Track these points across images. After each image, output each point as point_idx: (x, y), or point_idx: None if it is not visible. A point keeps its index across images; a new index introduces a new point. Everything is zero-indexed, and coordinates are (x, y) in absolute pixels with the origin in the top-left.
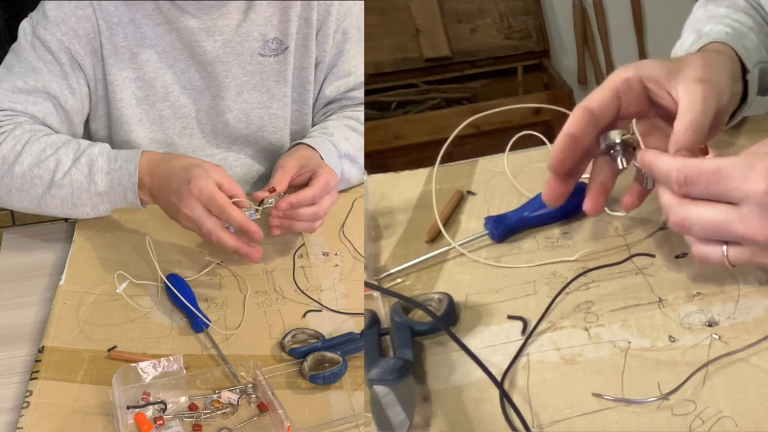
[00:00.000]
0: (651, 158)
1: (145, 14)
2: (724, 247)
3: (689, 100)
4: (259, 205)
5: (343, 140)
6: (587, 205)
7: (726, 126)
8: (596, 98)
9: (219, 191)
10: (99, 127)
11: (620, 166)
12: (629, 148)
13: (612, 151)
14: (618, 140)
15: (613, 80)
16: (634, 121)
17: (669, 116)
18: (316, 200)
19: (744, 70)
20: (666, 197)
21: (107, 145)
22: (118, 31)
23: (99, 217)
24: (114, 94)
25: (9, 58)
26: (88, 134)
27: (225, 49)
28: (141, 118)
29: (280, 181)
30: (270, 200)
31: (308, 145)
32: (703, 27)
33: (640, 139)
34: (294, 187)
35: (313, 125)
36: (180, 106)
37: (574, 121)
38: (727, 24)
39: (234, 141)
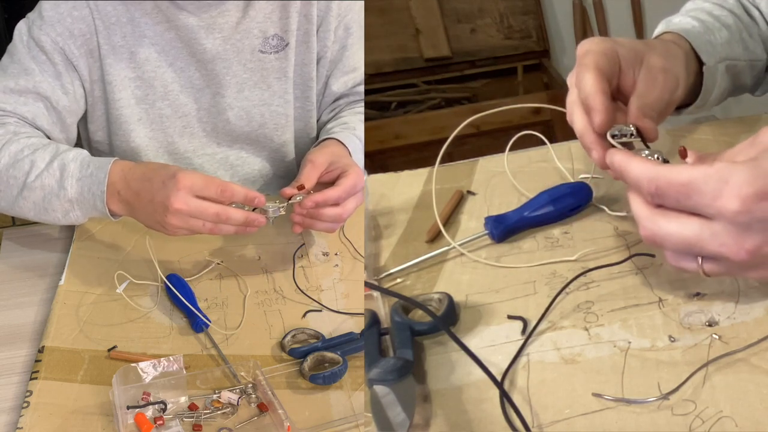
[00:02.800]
0: (621, 161)
1: (143, 13)
2: (699, 260)
3: (648, 86)
4: (286, 201)
5: (362, 134)
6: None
7: (681, 113)
8: (597, 61)
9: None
10: (97, 128)
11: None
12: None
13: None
14: (616, 133)
15: (600, 47)
16: (632, 127)
17: (623, 96)
18: (341, 201)
19: (700, 63)
20: (637, 206)
21: (84, 152)
22: (116, 31)
23: (100, 219)
24: (113, 93)
25: (4, 58)
26: (86, 137)
27: (225, 47)
28: (140, 117)
29: (309, 177)
30: (298, 197)
31: (337, 140)
32: (674, 18)
33: (613, 141)
34: (321, 184)
35: (321, 122)
36: (180, 104)
37: (596, 81)
38: (699, 18)
39: (235, 139)
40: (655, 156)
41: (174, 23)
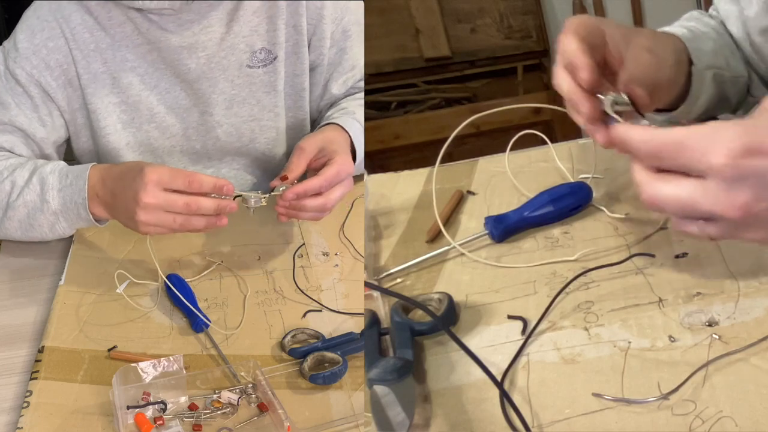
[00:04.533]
0: (623, 131)
1: (123, 36)
2: (701, 222)
3: (635, 64)
4: (269, 193)
5: (362, 119)
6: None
7: (670, 116)
8: (577, 28)
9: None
10: (83, 153)
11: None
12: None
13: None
14: (610, 103)
15: (585, 19)
16: (625, 96)
17: (610, 74)
18: (324, 190)
19: (690, 63)
20: (637, 173)
21: (61, 163)
22: (95, 58)
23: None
24: (98, 122)
25: None
26: (75, 161)
27: (209, 65)
28: (128, 141)
29: (297, 165)
30: (281, 188)
31: (335, 125)
32: (663, 28)
33: (613, 113)
34: (312, 171)
35: (322, 119)
36: (167, 126)
37: (578, 42)
38: (687, 27)
39: (226, 153)
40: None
41: (156, 45)
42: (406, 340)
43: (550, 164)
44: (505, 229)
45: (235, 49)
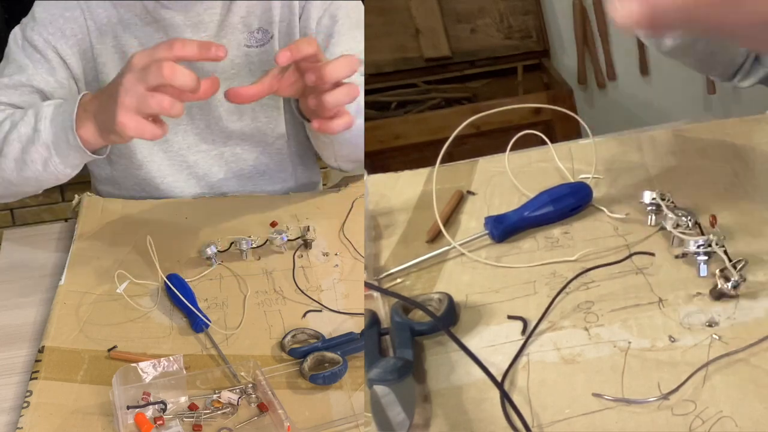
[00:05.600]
0: None
1: (133, 15)
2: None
3: None
4: (258, 237)
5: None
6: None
7: None
8: None
9: None
10: None
11: None
12: None
13: None
14: None
15: None
16: None
17: None
18: (319, 56)
19: None
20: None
21: (61, 100)
22: (107, 32)
23: (99, 218)
24: None
25: (2, 63)
26: None
27: None
28: None
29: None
30: (272, 233)
31: None
32: None
33: None
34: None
35: None
36: None
37: None
38: None
39: (229, 136)
40: None
41: (161, 23)
42: (406, 340)
43: (550, 164)
44: (505, 229)
45: (234, 29)
